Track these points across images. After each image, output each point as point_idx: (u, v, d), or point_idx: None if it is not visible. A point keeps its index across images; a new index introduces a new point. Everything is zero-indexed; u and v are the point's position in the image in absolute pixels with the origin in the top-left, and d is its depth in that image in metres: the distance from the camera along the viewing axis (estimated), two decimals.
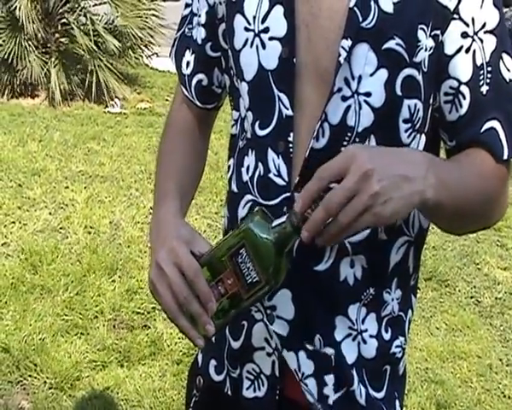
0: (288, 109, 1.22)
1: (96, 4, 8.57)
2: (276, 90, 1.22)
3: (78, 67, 8.28)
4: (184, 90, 1.45)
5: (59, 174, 5.73)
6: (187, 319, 1.16)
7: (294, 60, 1.20)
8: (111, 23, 8.46)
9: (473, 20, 1.19)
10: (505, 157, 1.23)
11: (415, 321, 4.06)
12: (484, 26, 1.20)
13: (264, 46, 1.22)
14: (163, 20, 8.66)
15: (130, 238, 4.71)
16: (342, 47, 1.15)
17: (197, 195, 5.24)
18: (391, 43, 1.16)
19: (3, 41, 7.86)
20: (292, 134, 1.22)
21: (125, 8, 8.25)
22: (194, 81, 1.43)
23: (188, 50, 1.42)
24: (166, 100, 8.74)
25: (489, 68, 1.22)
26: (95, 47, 7.93)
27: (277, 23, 1.20)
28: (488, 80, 1.22)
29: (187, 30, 1.43)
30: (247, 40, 1.24)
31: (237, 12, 1.26)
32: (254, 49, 1.23)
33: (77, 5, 8.31)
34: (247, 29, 1.24)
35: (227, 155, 1.42)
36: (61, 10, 8.25)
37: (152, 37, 8.60)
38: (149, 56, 8.84)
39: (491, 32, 1.21)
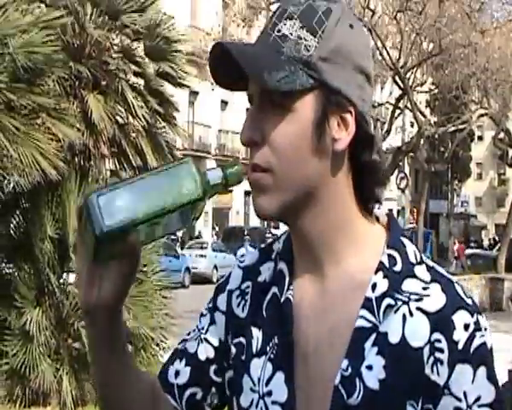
0: None
1: None
2: None
3: (90, 371, 8.23)
4: (172, 400, 1.37)
5: None
6: None
7: None
8: None
9: (465, 394, 1.18)
10: None
11: None
12: (478, 399, 1.18)
13: (267, 409, 1.26)
14: (173, 318, 8.77)
15: None
16: None
17: None
18: None
19: (16, 352, 7.90)
20: None
21: (136, 309, 8.37)
22: (187, 393, 1.37)
23: (178, 360, 1.38)
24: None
25: None
26: None
27: (279, 388, 1.26)
28: None
29: (182, 344, 1.40)
30: (252, 401, 1.28)
31: (245, 371, 1.30)
32: None
33: None
34: (252, 390, 1.29)
35: None
36: (73, 318, 8.36)
37: (164, 336, 8.65)
38: (161, 351, 8.83)
39: (487, 405, 1.19)
